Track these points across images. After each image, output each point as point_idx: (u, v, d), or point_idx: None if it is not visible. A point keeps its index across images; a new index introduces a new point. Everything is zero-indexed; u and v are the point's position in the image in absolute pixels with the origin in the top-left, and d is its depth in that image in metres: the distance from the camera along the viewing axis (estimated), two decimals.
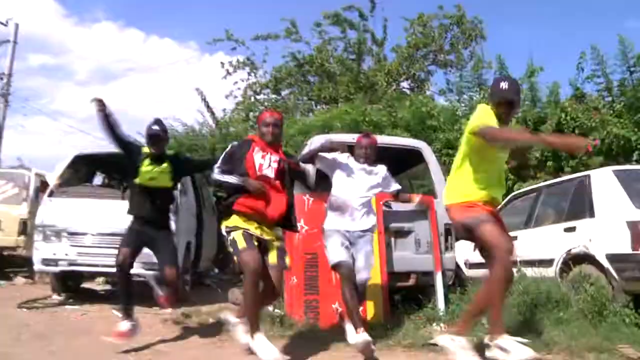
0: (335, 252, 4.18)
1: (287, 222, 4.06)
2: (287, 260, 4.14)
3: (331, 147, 4.24)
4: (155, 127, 4.54)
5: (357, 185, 4.37)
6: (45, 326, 4.88)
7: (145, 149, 4.59)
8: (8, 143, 20.51)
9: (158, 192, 4.55)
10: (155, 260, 4.65)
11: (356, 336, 3.87)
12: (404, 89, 15.17)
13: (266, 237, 3.83)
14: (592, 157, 7.79)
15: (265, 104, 16.10)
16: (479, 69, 10.94)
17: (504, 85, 3.47)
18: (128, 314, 4.30)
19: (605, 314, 4.56)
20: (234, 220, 3.77)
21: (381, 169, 4.56)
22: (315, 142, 6.12)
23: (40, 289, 7.85)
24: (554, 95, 9.12)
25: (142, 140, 4.92)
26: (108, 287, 8.64)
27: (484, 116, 3.44)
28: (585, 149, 3.65)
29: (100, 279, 8.89)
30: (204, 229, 8.42)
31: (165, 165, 4.51)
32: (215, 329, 4.91)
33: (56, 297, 6.87)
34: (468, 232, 3.52)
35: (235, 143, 4.13)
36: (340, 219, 4.32)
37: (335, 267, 4.20)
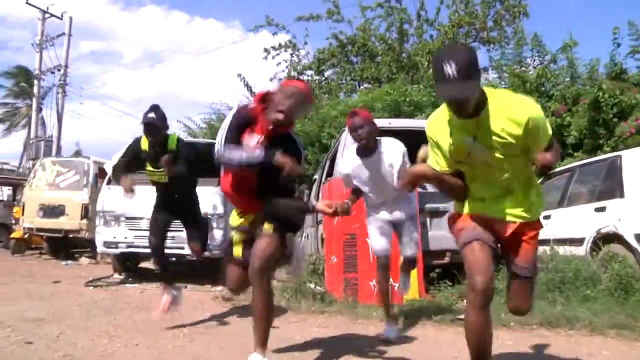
0: (374, 240, 4.18)
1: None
2: None
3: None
4: (151, 115, 4.29)
5: (371, 181, 4.00)
6: (110, 303, 5.42)
7: (144, 144, 4.51)
8: (65, 128, 21.58)
9: (174, 183, 4.56)
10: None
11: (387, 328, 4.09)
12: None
13: (249, 220, 3.16)
14: (634, 136, 7.70)
15: (309, 85, 16.37)
16: (521, 47, 10.83)
17: (447, 68, 2.17)
18: (168, 284, 4.60)
19: (631, 292, 4.71)
20: (232, 216, 3.28)
21: (388, 149, 3.96)
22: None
23: (103, 269, 8.58)
24: (592, 72, 9.01)
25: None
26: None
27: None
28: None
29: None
30: None
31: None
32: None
33: (117, 276, 7.52)
34: None
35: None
36: (377, 211, 4.16)
37: (375, 254, 4.32)
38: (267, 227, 3.02)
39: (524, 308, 2.70)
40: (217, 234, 7.06)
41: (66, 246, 10.68)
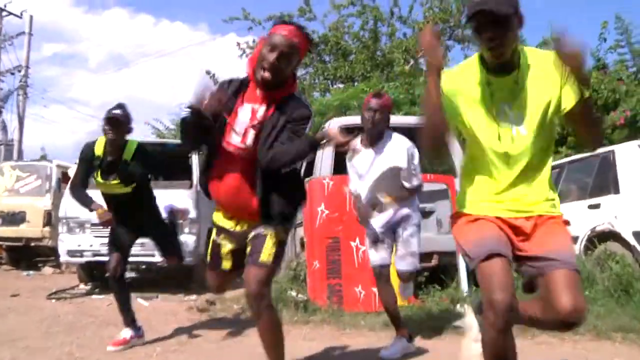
0: (368, 249, 3.85)
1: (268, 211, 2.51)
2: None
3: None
4: (117, 111, 3.81)
5: (369, 175, 3.71)
6: (74, 317, 4.96)
7: (99, 147, 3.90)
8: (29, 133, 20.73)
9: (128, 194, 3.98)
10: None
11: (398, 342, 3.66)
12: (421, 65, 14.92)
13: (243, 227, 2.60)
14: (618, 130, 7.59)
15: None
16: None
17: None
18: (130, 321, 4.00)
19: (632, 292, 4.50)
20: (214, 215, 2.73)
21: (396, 145, 3.65)
22: (332, 125, 6.08)
23: (68, 278, 8.04)
24: None
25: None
26: (132, 274, 8.75)
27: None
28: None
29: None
30: None
31: (115, 182, 3.92)
32: (239, 316, 4.97)
33: (83, 287, 7.02)
34: None
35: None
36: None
37: (370, 265, 3.88)
38: (266, 249, 2.47)
39: (580, 308, 1.92)
40: (190, 240, 6.64)
41: (28, 255, 10.05)
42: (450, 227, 2.31)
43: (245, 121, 2.46)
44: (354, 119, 7.02)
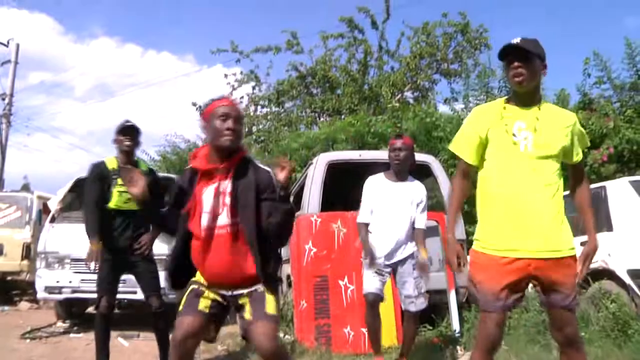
0: (365, 279, 3.98)
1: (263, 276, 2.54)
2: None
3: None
4: (129, 122, 4.02)
5: (389, 209, 4.02)
6: None
7: (111, 163, 4.03)
8: (11, 161, 20.40)
9: (134, 214, 4.01)
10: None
11: None
12: (408, 99, 15.05)
13: (237, 291, 2.57)
14: (606, 165, 7.60)
15: (268, 117, 16.03)
16: (486, 77, 10.77)
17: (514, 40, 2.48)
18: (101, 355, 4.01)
19: (630, 333, 4.38)
20: (197, 276, 2.66)
21: (416, 185, 4.06)
22: (320, 160, 6.00)
23: (45, 314, 7.77)
24: (561, 102, 8.94)
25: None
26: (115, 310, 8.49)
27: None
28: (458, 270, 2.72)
29: None
30: None
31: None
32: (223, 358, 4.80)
33: (60, 324, 6.76)
34: None
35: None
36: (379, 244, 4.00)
37: (363, 292, 4.02)
38: (269, 304, 2.50)
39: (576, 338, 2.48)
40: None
41: (4, 289, 9.71)
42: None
43: (212, 201, 2.50)
44: (342, 154, 6.98)
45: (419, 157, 6.77)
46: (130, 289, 5.52)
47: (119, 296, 6.18)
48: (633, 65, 8.25)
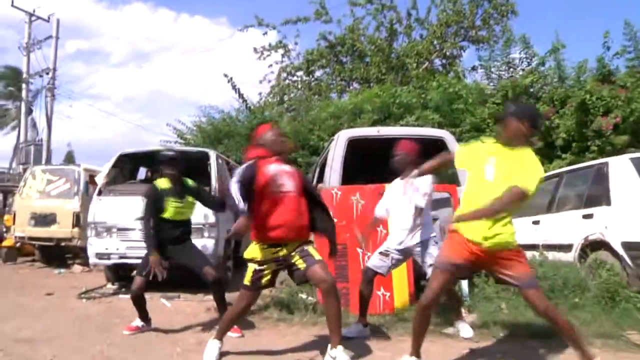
0: (373, 255, 4.77)
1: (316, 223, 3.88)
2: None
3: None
4: (171, 152, 5.09)
5: (397, 203, 4.63)
6: (104, 318, 5.43)
7: (163, 184, 4.90)
8: (55, 130, 21.34)
9: (181, 222, 4.93)
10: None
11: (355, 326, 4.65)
12: (436, 67, 15.16)
13: (289, 251, 3.70)
14: (619, 137, 7.80)
15: (299, 85, 16.39)
16: (508, 46, 10.89)
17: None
18: (142, 317, 4.87)
19: (618, 300, 4.79)
20: (252, 251, 3.76)
21: (422, 183, 4.46)
22: (341, 137, 6.44)
23: (96, 277, 8.55)
24: (580, 74, 9.09)
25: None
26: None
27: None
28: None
29: None
30: None
31: (190, 199, 4.94)
32: (254, 316, 5.33)
33: (110, 286, 7.52)
34: None
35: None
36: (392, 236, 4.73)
37: (366, 265, 4.78)
38: (316, 254, 3.70)
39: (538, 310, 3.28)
40: (210, 243, 7.07)
41: (58, 254, 10.65)
42: None
43: (282, 176, 3.75)
44: (361, 131, 7.37)
45: (434, 132, 7.18)
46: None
47: None
48: None
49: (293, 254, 3.69)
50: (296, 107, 15.03)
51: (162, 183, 4.93)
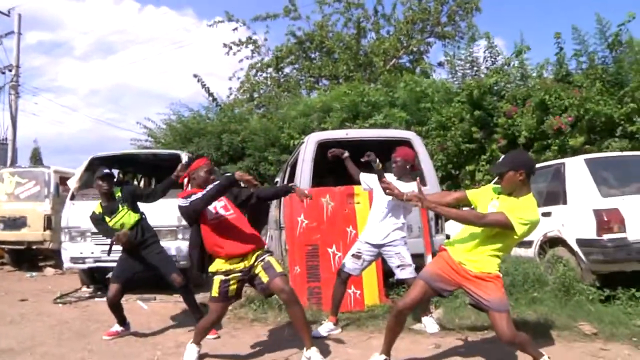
0: (347, 256, 4.98)
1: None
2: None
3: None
4: (106, 170, 5.25)
5: (379, 198, 4.84)
6: (82, 323, 5.51)
7: (97, 208, 5.12)
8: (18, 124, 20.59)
9: (132, 227, 5.05)
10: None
11: (327, 325, 4.86)
12: (403, 63, 15.44)
13: (250, 262, 3.94)
14: (575, 137, 8.17)
15: (268, 82, 16.49)
16: (471, 44, 11.20)
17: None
18: (120, 321, 5.02)
19: (573, 293, 5.12)
20: (215, 265, 3.98)
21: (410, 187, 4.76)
22: (311, 140, 6.61)
23: (69, 279, 8.56)
24: (540, 73, 9.45)
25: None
26: None
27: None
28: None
29: None
30: None
31: (122, 209, 5.05)
32: (230, 316, 5.43)
33: (86, 289, 7.57)
34: None
35: None
36: (367, 230, 4.96)
37: (340, 266, 5.01)
38: (277, 266, 3.93)
39: (503, 339, 3.38)
40: (184, 245, 7.17)
41: (29, 257, 10.58)
42: None
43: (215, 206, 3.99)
44: (330, 134, 7.54)
45: (401, 133, 7.41)
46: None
47: None
48: (605, 39, 8.71)
49: (255, 264, 3.92)
50: (266, 104, 15.15)
51: (97, 208, 5.14)
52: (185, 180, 4.63)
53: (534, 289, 5.37)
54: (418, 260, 6.20)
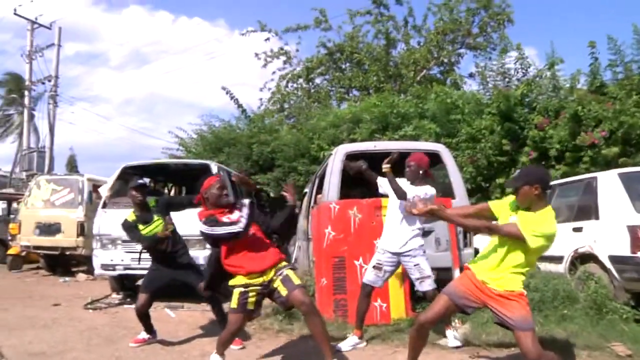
0: (368, 269, 5.00)
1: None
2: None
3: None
4: (140, 180, 5.45)
5: (393, 204, 4.89)
6: (111, 329, 5.62)
7: (130, 216, 5.20)
8: (57, 133, 21.41)
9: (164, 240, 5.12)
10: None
11: (351, 339, 4.84)
12: (434, 74, 15.37)
13: (269, 276, 3.93)
14: (610, 148, 7.98)
15: (299, 93, 16.60)
16: (503, 56, 11.07)
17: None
18: (147, 329, 5.10)
19: (605, 311, 4.98)
20: (236, 279, 3.97)
21: (427, 190, 4.77)
22: (339, 152, 6.64)
23: (100, 285, 8.76)
24: (574, 84, 9.27)
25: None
26: None
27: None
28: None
29: None
30: None
31: (157, 220, 5.16)
32: (255, 328, 5.51)
33: (116, 296, 7.71)
34: None
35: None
36: (384, 237, 4.97)
37: (363, 281, 4.99)
38: (295, 279, 3.91)
39: (528, 358, 3.23)
40: (201, 254, 7.23)
41: (63, 262, 10.86)
42: None
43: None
44: (359, 145, 7.56)
45: (430, 146, 7.37)
46: None
47: None
48: None
49: (274, 278, 3.91)
50: (296, 115, 15.24)
51: (130, 216, 5.23)
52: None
53: (564, 306, 5.24)
54: (445, 273, 6.18)
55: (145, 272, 7.12)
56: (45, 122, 18.67)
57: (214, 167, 7.98)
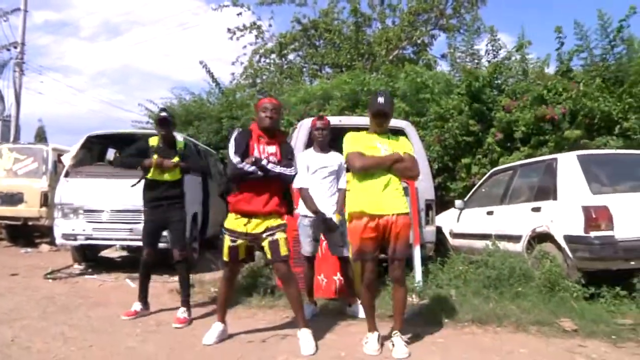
0: (306, 244, 5.10)
1: (283, 208, 4.13)
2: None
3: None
4: (164, 114, 5.19)
5: (316, 175, 4.95)
6: (67, 298, 5.57)
7: (153, 141, 5.08)
8: (24, 104, 20.82)
9: (163, 182, 4.99)
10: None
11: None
12: (407, 54, 15.34)
13: (258, 230, 3.98)
14: (571, 131, 8.12)
15: (272, 68, 16.43)
16: (472, 37, 11.13)
17: (380, 99, 3.91)
18: (142, 299, 5.05)
19: (557, 289, 5.10)
20: (228, 220, 4.07)
21: (336, 157, 4.96)
22: (304, 125, 6.60)
23: (63, 256, 8.61)
24: (543, 67, 9.37)
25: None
26: (124, 253, 9.34)
27: (348, 144, 4.01)
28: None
29: (117, 245, 9.54)
30: (210, 196, 8.80)
31: (175, 159, 5.01)
32: (215, 298, 5.46)
33: (77, 267, 7.64)
34: None
35: (239, 130, 4.23)
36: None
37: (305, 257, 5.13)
38: (283, 249, 4.03)
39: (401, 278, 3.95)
40: None
41: (25, 233, 10.66)
42: None
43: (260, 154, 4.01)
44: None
45: (395, 122, 7.36)
46: (136, 236, 6.37)
47: (127, 243, 7.20)
48: (606, 36, 8.63)
49: (264, 236, 3.99)
50: (268, 90, 15.11)
51: (153, 140, 5.13)
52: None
53: (519, 283, 5.34)
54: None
55: (107, 242, 7.12)
56: (11, 91, 18.11)
57: (180, 139, 7.86)
